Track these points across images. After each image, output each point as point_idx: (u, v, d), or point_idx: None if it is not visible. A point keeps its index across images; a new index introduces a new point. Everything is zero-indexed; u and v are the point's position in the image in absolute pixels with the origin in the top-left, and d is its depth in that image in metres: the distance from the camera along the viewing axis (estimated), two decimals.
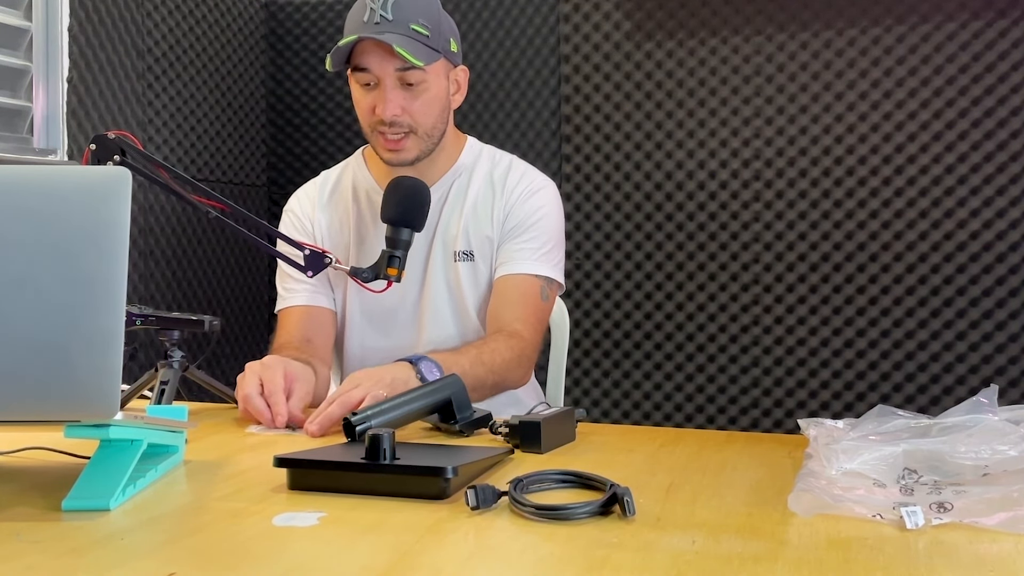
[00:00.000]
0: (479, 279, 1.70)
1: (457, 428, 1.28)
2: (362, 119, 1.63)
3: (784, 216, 2.65)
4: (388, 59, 1.55)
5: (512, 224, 1.69)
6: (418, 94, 1.58)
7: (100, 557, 0.81)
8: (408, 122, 1.58)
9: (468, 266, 1.70)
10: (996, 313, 2.51)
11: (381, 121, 1.58)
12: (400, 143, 1.60)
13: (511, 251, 1.68)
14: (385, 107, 1.56)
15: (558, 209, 1.75)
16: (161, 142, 2.62)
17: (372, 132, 1.62)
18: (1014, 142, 2.48)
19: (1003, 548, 0.81)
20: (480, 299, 1.71)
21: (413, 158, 1.62)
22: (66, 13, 2.30)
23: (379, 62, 1.56)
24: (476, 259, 1.70)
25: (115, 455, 0.98)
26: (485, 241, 1.70)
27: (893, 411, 1.03)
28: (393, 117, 1.56)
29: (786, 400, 2.66)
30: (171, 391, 1.43)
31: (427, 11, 1.59)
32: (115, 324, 0.88)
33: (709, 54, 2.69)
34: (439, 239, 1.70)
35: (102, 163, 1.38)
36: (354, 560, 0.79)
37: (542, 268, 1.68)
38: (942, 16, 2.53)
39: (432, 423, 1.30)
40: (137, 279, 2.51)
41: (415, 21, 1.56)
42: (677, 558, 0.79)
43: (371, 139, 1.64)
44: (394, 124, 1.57)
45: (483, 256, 1.70)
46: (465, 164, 1.73)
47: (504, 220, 1.70)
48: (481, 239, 1.70)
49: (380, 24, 1.54)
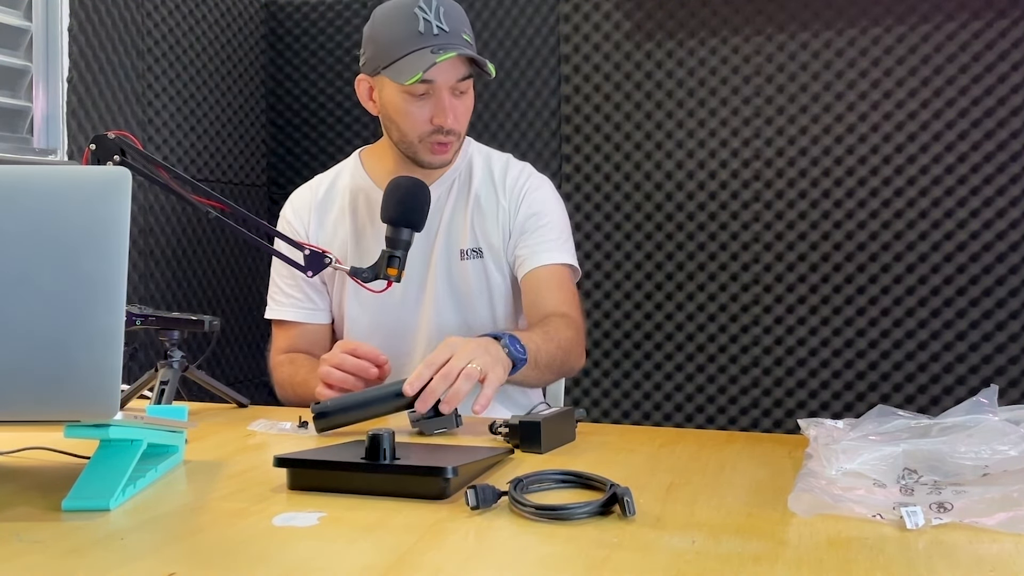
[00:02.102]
0: (489, 276, 1.71)
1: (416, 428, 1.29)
2: (411, 129, 1.62)
3: (784, 216, 2.65)
4: (453, 70, 1.57)
5: (524, 220, 1.71)
6: (465, 101, 1.63)
7: (100, 557, 0.81)
8: (459, 128, 1.63)
9: (476, 264, 1.71)
10: (996, 313, 2.51)
11: (439, 130, 1.60)
12: (447, 147, 1.63)
13: (532, 245, 1.70)
14: (448, 117, 1.59)
15: (561, 201, 1.79)
16: (161, 142, 2.62)
17: (421, 141, 1.63)
18: (1014, 142, 2.48)
19: (1003, 548, 0.81)
20: (491, 296, 1.72)
21: (451, 160, 1.67)
22: (66, 13, 2.30)
23: (445, 73, 1.57)
24: (485, 256, 1.71)
25: (115, 455, 0.98)
26: (493, 238, 1.71)
27: (893, 411, 1.03)
28: (452, 125, 1.60)
29: (786, 400, 2.66)
30: (171, 391, 1.43)
31: (467, 19, 1.64)
32: (115, 324, 0.88)
33: (709, 54, 2.69)
34: (442, 238, 1.70)
35: (102, 163, 1.38)
36: (354, 560, 0.79)
37: (566, 256, 1.71)
38: (942, 16, 2.52)
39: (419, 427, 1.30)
40: (137, 279, 2.51)
41: (464, 31, 1.60)
42: (677, 558, 0.79)
43: (416, 147, 1.64)
44: (451, 132, 1.61)
45: (492, 253, 1.71)
46: (464, 162, 1.75)
47: (513, 217, 1.72)
48: (489, 237, 1.71)
49: (439, 36, 1.55)
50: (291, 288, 1.75)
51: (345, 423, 1.31)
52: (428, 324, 1.70)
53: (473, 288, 1.70)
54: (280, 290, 1.76)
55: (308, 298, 1.75)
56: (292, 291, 1.75)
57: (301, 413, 1.38)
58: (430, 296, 1.70)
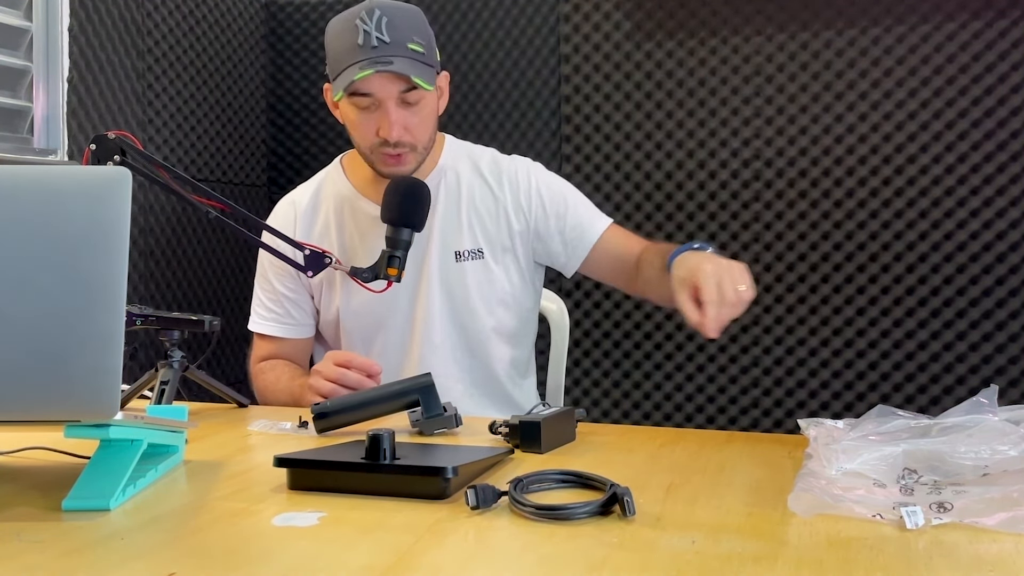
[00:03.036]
0: (492, 275, 1.69)
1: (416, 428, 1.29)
2: (361, 140, 1.62)
3: (784, 216, 2.65)
4: (391, 83, 1.53)
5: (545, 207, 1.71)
6: (417, 112, 1.58)
7: (100, 557, 0.81)
8: (410, 140, 1.58)
9: (477, 264, 1.69)
10: (996, 313, 2.51)
11: (384, 142, 1.57)
12: (401, 158, 1.60)
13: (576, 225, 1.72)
14: (391, 129, 1.55)
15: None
16: (161, 142, 2.62)
17: (372, 152, 1.61)
18: (1014, 142, 2.48)
19: (1003, 548, 0.81)
20: (493, 296, 1.70)
21: (411, 170, 1.62)
22: (66, 13, 2.30)
23: (382, 87, 1.54)
24: (487, 257, 1.69)
25: (115, 455, 0.98)
26: (496, 235, 1.69)
27: (893, 411, 1.03)
28: (398, 138, 1.56)
29: (786, 400, 2.67)
30: (171, 391, 1.43)
31: (419, 27, 1.58)
32: (115, 324, 0.88)
33: (709, 54, 2.69)
34: (436, 241, 1.68)
35: (102, 163, 1.38)
36: (354, 560, 0.79)
37: (606, 218, 1.76)
38: (942, 16, 2.53)
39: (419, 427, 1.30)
40: (137, 279, 2.51)
41: (410, 40, 1.54)
42: (677, 558, 0.79)
43: (369, 157, 1.62)
44: (398, 144, 1.57)
45: (494, 251, 1.69)
46: (447, 162, 1.72)
47: (531, 208, 1.71)
48: (490, 235, 1.69)
49: (379, 48, 1.51)
50: (272, 303, 1.74)
51: (345, 423, 1.31)
52: (421, 328, 1.68)
53: (471, 289, 1.68)
54: (261, 303, 1.75)
55: (288, 313, 1.74)
56: (273, 306, 1.74)
57: (301, 413, 1.38)
58: (423, 299, 1.68)
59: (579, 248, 1.72)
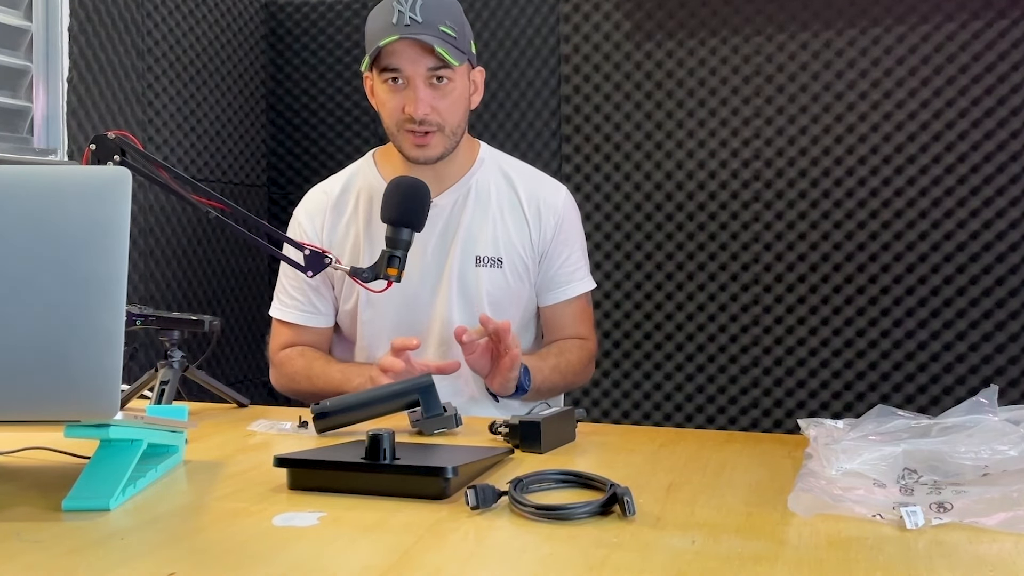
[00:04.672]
0: (510, 285, 1.73)
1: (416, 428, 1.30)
2: (388, 118, 1.65)
3: (784, 216, 2.65)
4: (420, 59, 1.58)
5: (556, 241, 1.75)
6: (446, 93, 1.62)
7: (100, 557, 0.81)
8: (437, 120, 1.62)
9: (495, 272, 1.71)
10: (996, 313, 2.51)
11: (410, 119, 1.61)
12: (427, 139, 1.63)
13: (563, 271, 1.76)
14: (417, 105, 1.59)
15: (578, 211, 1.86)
16: (161, 142, 2.62)
17: (399, 131, 1.64)
18: (1014, 142, 2.48)
19: (1003, 548, 0.81)
20: (506, 303, 1.72)
21: (438, 155, 1.65)
22: (66, 13, 2.30)
23: (411, 62, 1.59)
24: (505, 267, 1.72)
25: (115, 455, 0.98)
26: (517, 252, 1.73)
27: (893, 411, 1.03)
28: (424, 115, 1.60)
29: (786, 400, 2.66)
30: (171, 391, 1.43)
31: (453, 13, 1.63)
32: (115, 324, 0.88)
33: (709, 54, 2.69)
34: (459, 244, 1.70)
35: (102, 163, 1.38)
36: (354, 560, 0.79)
37: (587, 282, 1.81)
38: (942, 16, 2.52)
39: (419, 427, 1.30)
40: (137, 279, 2.51)
41: (443, 23, 1.59)
42: (677, 558, 0.79)
43: (397, 137, 1.66)
44: (424, 122, 1.61)
45: (515, 266, 1.73)
46: (481, 168, 1.76)
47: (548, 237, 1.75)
48: (513, 250, 1.73)
49: (411, 26, 1.57)
50: (296, 291, 1.76)
51: (345, 423, 1.31)
52: (439, 326, 1.71)
53: (484, 294, 1.70)
54: (285, 290, 1.78)
55: (310, 302, 1.76)
56: (296, 294, 1.76)
57: (301, 413, 1.38)
58: (443, 299, 1.70)
59: (543, 298, 1.78)
